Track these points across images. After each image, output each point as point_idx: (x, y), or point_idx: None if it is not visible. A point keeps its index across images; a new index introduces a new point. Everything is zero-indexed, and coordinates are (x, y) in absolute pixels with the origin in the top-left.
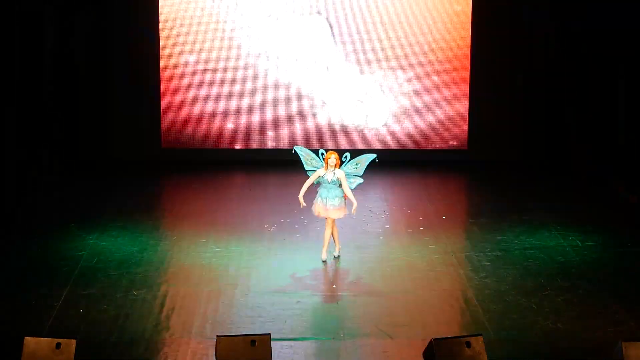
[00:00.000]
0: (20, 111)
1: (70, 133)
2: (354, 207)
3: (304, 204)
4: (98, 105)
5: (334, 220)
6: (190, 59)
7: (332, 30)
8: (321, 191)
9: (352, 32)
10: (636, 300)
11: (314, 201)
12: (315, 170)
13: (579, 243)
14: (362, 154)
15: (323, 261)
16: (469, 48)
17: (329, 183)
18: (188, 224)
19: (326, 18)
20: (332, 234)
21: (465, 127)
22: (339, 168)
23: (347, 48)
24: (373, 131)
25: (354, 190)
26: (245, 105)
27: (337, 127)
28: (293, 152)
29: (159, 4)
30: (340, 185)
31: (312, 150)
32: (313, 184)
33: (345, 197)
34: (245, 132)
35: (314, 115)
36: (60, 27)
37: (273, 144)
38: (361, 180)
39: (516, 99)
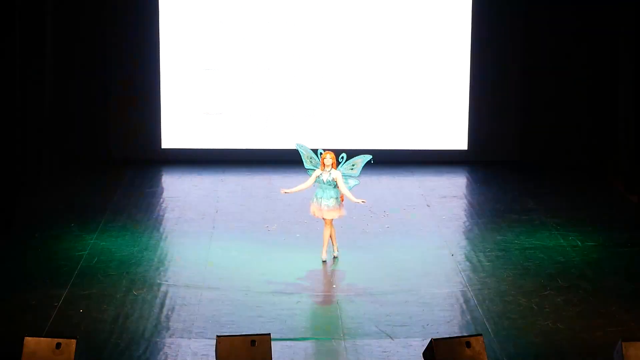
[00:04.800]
0: (20, 110)
1: (70, 132)
2: (361, 200)
3: (285, 191)
4: (98, 105)
5: (331, 221)
6: (191, 58)
7: (333, 31)
8: (317, 191)
9: (352, 32)
10: (636, 300)
11: (310, 201)
12: (314, 170)
13: (579, 243)
14: (359, 154)
15: (323, 261)
16: (469, 48)
17: (324, 183)
18: (188, 224)
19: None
20: (329, 234)
21: (465, 127)
22: (335, 168)
23: (347, 47)
24: (373, 131)
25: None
26: (246, 105)
27: (337, 127)
28: (295, 147)
29: (159, 3)
30: (336, 186)
31: (312, 149)
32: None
33: (341, 198)
34: (245, 132)
35: (314, 115)
36: (60, 27)
37: (273, 144)
38: (357, 181)
39: (516, 99)
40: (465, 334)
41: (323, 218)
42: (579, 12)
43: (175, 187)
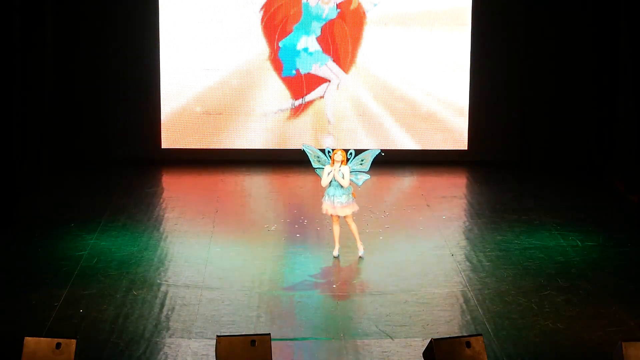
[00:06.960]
0: (20, 110)
1: (70, 132)
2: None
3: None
4: (98, 105)
5: (346, 217)
6: (191, 58)
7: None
8: (328, 189)
9: (351, 33)
10: (636, 300)
11: (322, 200)
12: (322, 169)
13: (579, 243)
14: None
15: (335, 257)
16: (469, 47)
17: (335, 180)
18: (188, 224)
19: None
20: (351, 230)
21: (465, 127)
22: (345, 165)
23: (346, 46)
24: (373, 131)
25: (361, 186)
26: (246, 105)
27: (337, 127)
28: (302, 150)
29: (159, 3)
30: None
31: (319, 149)
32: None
33: (353, 194)
34: (245, 132)
35: (314, 115)
36: (60, 26)
37: (273, 144)
38: (368, 176)
39: (516, 99)
40: (465, 334)
41: (337, 215)
42: (579, 12)
43: (175, 187)
